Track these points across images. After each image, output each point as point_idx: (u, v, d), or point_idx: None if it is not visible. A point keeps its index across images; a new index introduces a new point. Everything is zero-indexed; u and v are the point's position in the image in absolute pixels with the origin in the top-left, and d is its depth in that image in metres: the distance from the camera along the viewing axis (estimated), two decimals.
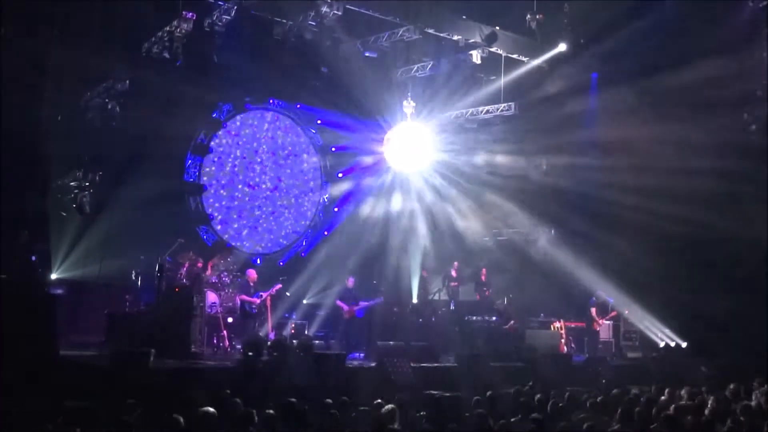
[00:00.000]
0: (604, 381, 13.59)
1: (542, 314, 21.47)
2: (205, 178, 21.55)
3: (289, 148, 23.43)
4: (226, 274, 18.66)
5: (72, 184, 17.26)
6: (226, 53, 18.82)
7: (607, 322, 21.06)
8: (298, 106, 23.07)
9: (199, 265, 17.70)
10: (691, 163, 19.98)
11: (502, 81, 20.80)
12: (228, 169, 22.06)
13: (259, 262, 21.99)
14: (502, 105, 20.80)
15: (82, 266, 17.91)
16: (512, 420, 9.93)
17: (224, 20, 17.21)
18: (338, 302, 18.88)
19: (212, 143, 21.65)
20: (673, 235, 20.45)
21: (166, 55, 16.85)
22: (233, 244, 21.64)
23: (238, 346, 16.57)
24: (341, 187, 23.91)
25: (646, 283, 20.75)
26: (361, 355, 17.79)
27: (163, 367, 13.13)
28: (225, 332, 17.07)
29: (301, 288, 20.60)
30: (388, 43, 19.78)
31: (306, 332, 18.78)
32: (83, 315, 17.33)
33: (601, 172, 21.64)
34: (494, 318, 20.31)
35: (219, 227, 21.73)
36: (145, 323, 15.45)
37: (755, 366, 15.65)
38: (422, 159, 21.65)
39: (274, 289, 17.82)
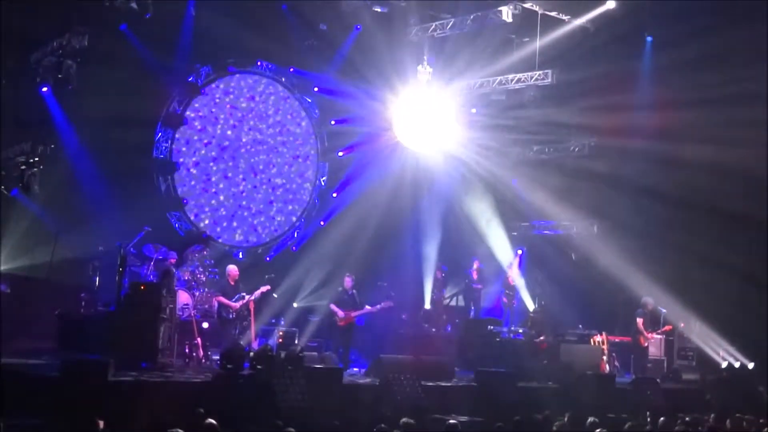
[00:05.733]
0: (648, 413, 13.62)
1: (580, 326, 21.51)
2: (177, 155, 21.62)
3: (280, 119, 23.47)
4: (201, 270, 18.72)
5: (19, 159, 17.34)
6: (207, 5, 18.85)
7: (659, 336, 21.07)
8: (291, 70, 23.10)
9: (171, 260, 17.75)
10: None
11: (538, 44, 20.79)
12: (206, 144, 22.12)
13: (241, 256, 22.07)
14: (537, 73, 20.80)
15: (29, 258, 18.00)
16: None
17: None
18: (332, 307, 18.95)
19: (187, 113, 21.71)
20: (746, 229, 20.46)
21: (134, 6, 16.88)
22: (210, 234, 21.70)
23: (215, 357, 16.65)
24: (341, 169, 23.96)
25: (707, 291, 20.77)
26: (362, 370, 17.87)
27: (125, 380, 13.22)
28: (199, 340, 17.14)
29: (292, 289, 20.68)
30: None
31: (296, 342, 18.85)
32: (30, 316, 17.43)
33: (656, 155, 21.65)
34: (522, 329, 20.37)
35: (194, 214, 21.81)
36: (104, 327, 15.52)
37: None
38: (439, 135, 21.67)
39: (259, 292, 17.83)
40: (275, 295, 19.39)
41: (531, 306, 21.98)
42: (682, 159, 20.96)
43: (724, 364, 20.46)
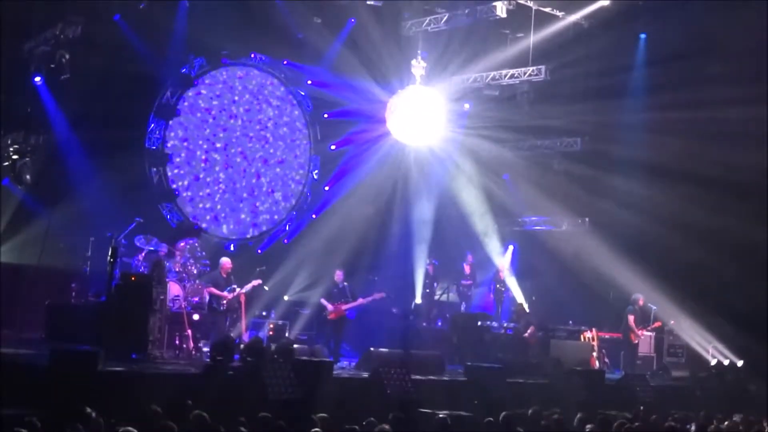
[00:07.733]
0: (642, 408, 13.63)
1: (570, 321, 21.54)
2: (170, 146, 21.55)
3: (273, 112, 23.41)
4: (192, 262, 18.67)
5: (10, 148, 17.27)
6: None
7: (649, 333, 21.11)
8: (285, 62, 23.04)
9: (162, 251, 17.70)
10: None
11: (531, 40, 20.79)
12: (198, 135, 22.05)
13: (233, 248, 22.03)
14: (531, 68, 20.80)
15: (19, 248, 17.93)
16: None
17: None
18: (322, 301, 18.93)
19: (180, 104, 21.64)
20: (734, 231, 20.47)
21: None
22: (202, 225, 21.66)
23: (205, 349, 16.62)
24: (334, 162, 23.91)
25: (698, 288, 20.79)
26: (352, 363, 17.86)
27: (114, 370, 13.18)
28: (189, 331, 17.09)
29: (283, 281, 20.64)
30: None
31: (286, 334, 18.83)
32: (20, 306, 17.36)
33: (649, 152, 21.66)
34: (512, 324, 20.39)
35: (185, 205, 21.75)
36: (94, 318, 15.49)
37: None
38: (432, 130, 21.65)
39: (250, 286, 17.81)
40: (266, 288, 19.36)
41: (521, 301, 21.98)
42: (674, 156, 20.97)
43: (713, 362, 20.51)
